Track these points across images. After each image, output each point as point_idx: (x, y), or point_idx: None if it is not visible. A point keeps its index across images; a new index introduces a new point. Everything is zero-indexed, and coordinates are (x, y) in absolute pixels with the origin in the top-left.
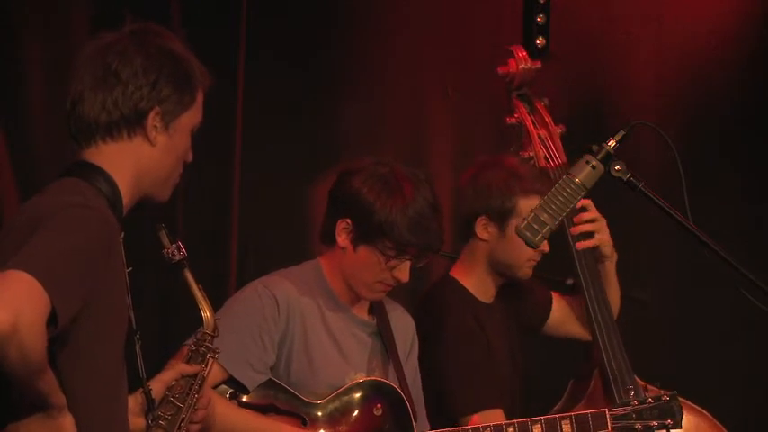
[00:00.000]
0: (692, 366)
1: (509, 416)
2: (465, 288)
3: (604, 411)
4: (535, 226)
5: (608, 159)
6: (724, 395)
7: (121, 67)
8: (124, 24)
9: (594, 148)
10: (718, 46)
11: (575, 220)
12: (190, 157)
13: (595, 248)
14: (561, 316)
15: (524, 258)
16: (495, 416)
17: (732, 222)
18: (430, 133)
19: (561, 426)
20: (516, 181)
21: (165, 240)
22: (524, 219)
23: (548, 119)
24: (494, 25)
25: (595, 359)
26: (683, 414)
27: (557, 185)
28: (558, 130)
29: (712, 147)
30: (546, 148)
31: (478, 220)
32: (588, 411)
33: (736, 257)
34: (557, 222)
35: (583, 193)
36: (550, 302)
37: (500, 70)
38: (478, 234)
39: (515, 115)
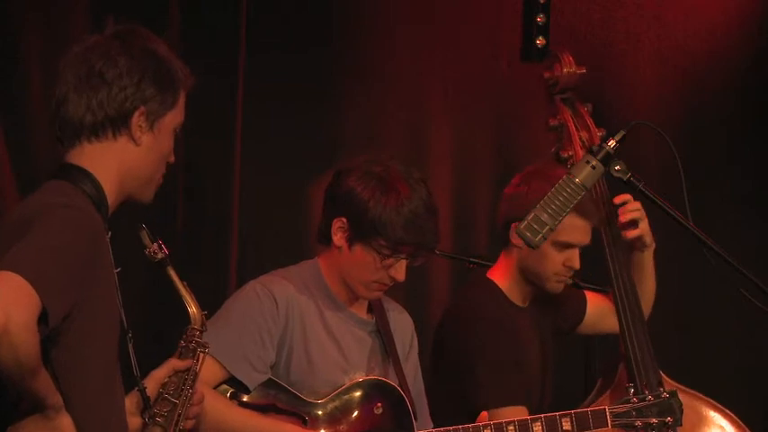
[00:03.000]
0: (693, 366)
1: (538, 414)
2: (500, 289)
3: (604, 409)
4: (535, 226)
5: (608, 159)
6: (726, 394)
7: (106, 68)
8: (107, 26)
9: (594, 148)
10: (718, 46)
11: (620, 211)
12: (172, 158)
13: (637, 238)
14: (596, 315)
15: (551, 271)
16: (520, 413)
17: (732, 222)
18: (430, 133)
19: (561, 423)
20: None
21: (147, 240)
22: (524, 219)
23: (589, 121)
24: (494, 25)
25: (621, 353)
26: (683, 412)
27: (557, 186)
28: (600, 133)
29: (712, 147)
30: (587, 149)
31: (513, 226)
32: (588, 409)
33: (736, 257)
34: (557, 222)
35: (583, 193)
36: (585, 304)
37: (545, 74)
38: (512, 240)
39: (558, 117)
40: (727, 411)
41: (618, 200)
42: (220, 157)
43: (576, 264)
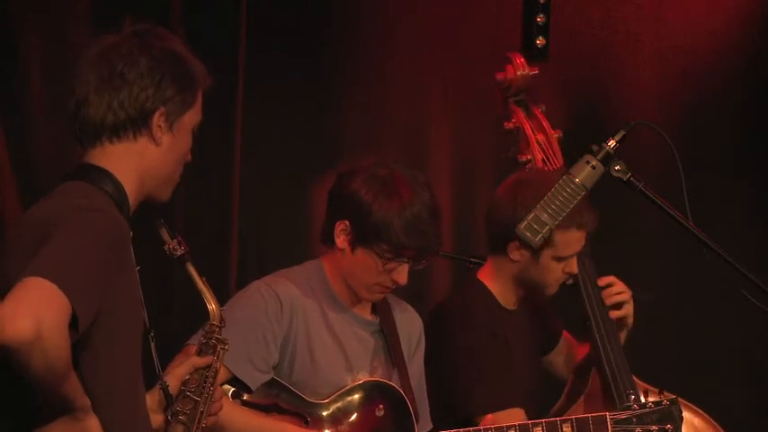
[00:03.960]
0: (692, 366)
1: (527, 417)
2: (490, 291)
3: (605, 415)
4: (535, 226)
5: (608, 159)
6: (727, 394)
7: (127, 68)
8: (124, 25)
9: (594, 148)
10: (718, 46)
11: (604, 294)
12: (189, 157)
13: (620, 319)
14: (562, 354)
15: (554, 280)
16: (514, 415)
17: (732, 222)
18: (430, 133)
19: (562, 429)
20: None
21: (166, 236)
22: (524, 219)
23: (545, 124)
24: (494, 25)
25: (593, 358)
26: (683, 419)
27: (557, 185)
28: (556, 135)
29: (712, 147)
30: (544, 151)
31: (512, 243)
32: (589, 415)
33: (736, 257)
34: (557, 222)
35: (583, 193)
36: (559, 336)
37: (498, 76)
38: (510, 256)
39: (512, 120)
40: (700, 411)
41: (602, 282)
42: (220, 157)
43: (575, 269)
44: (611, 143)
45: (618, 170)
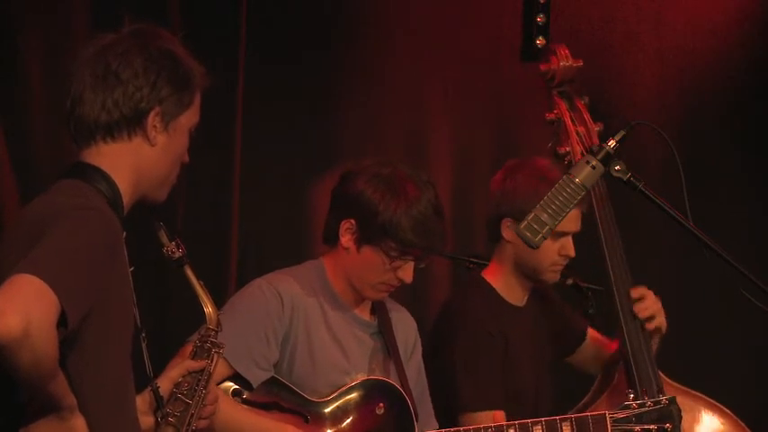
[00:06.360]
0: (693, 366)
1: (528, 415)
2: (493, 288)
3: (604, 414)
4: (535, 226)
5: (608, 159)
6: (726, 394)
7: (122, 67)
8: (123, 25)
9: (594, 148)
10: (719, 46)
11: (636, 308)
12: (186, 158)
13: (655, 330)
14: (589, 351)
15: (548, 263)
16: (495, 418)
17: (732, 222)
18: (430, 133)
19: (561, 427)
20: (545, 185)
21: (164, 238)
22: (524, 219)
23: (586, 116)
24: (494, 25)
25: (621, 352)
26: (681, 418)
27: (557, 185)
28: (597, 128)
29: (712, 147)
30: (583, 144)
31: (504, 221)
32: (588, 414)
33: (736, 257)
34: (556, 222)
35: (583, 193)
36: (585, 334)
37: (542, 67)
38: (504, 236)
39: (554, 111)
40: (726, 410)
41: (635, 294)
42: (220, 158)
43: (571, 251)
44: (611, 143)
45: (618, 170)
